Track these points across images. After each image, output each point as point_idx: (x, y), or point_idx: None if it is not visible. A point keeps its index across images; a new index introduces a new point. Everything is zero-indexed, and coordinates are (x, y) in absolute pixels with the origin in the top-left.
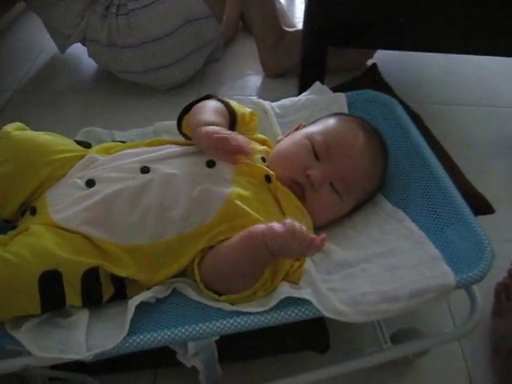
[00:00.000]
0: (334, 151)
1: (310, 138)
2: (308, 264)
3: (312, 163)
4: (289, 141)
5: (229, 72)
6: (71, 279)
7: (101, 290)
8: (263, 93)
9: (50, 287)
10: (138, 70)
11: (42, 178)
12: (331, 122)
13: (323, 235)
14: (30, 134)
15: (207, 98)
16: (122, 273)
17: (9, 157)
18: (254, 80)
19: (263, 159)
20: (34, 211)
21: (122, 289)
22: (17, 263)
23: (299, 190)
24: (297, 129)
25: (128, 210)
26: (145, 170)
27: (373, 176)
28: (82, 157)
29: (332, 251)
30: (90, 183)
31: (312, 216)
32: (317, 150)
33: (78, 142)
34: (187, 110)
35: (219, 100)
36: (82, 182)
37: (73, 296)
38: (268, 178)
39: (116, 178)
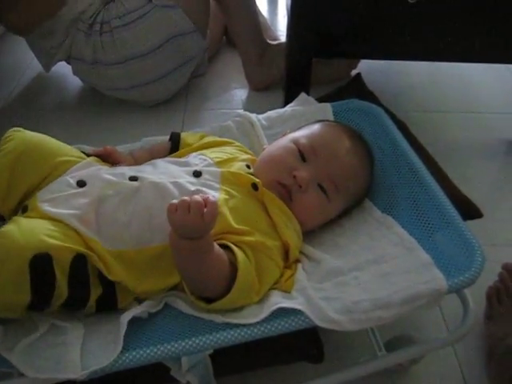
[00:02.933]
0: (320, 152)
1: (295, 141)
2: (299, 273)
3: (298, 165)
4: (274, 146)
5: (214, 86)
6: (61, 263)
7: (88, 283)
8: (249, 106)
9: (41, 269)
10: (124, 87)
11: (45, 175)
12: (316, 126)
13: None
14: (42, 135)
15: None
16: (110, 275)
17: (22, 149)
18: (240, 93)
19: (248, 167)
20: (25, 209)
21: (110, 293)
22: (8, 246)
23: (286, 192)
24: (282, 136)
25: (115, 215)
26: (133, 178)
27: (360, 176)
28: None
29: (323, 259)
30: (81, 183)
31: (300, 220)
32: (303, 151)
33: (83, 152)
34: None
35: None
36: (73, 181)
37: (62, 281)
38: (255, 186)
39: (106, 181)
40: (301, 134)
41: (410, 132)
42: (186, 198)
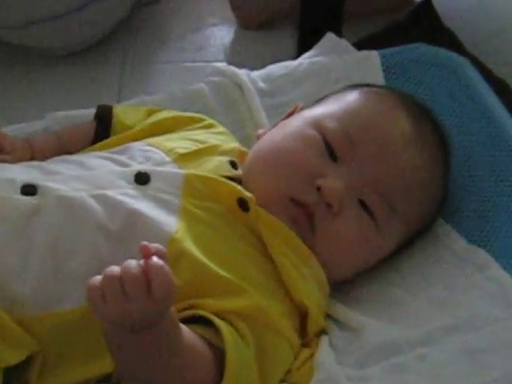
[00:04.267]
0: (360, 145)
1: (318, 125)
2: (324, 352)
3: (325, 168)
4: (280, 132)
5: (177, 22)
6: None
7: None
8: (236, 55)
9: None
10: (18, 24)
11: None
12: (351, 98)
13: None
14: None
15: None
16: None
17: None
18: (221, 34)
19: (232, 164)
20: None
21: None
22: None
23: (304, 218)
24: (291, 114)
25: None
26: (28, 189)
27: (428, 187)
28: None
29: (365, 327)
30: None
31: (327, 263)
32: (333, 145)
33: None
34: None
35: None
36: None
37: None
38: (243, 204)
39: None
40: (327, 110)
41: None
42: (112, 271)
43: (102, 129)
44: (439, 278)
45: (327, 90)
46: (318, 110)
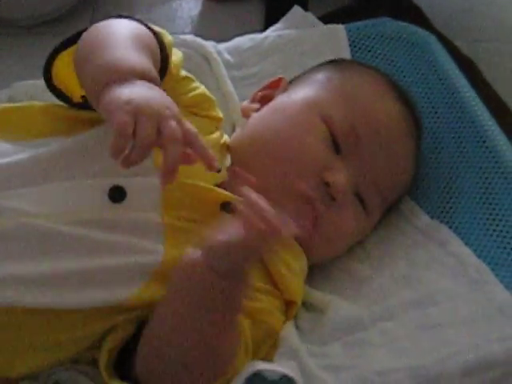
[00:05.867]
0: (365, 141)
1: (323, 115)
2: (286, 329)
3: (332, 161)
4: (280, 118)
5: None
6: None
7: None
8: (203, 27)
9: None
10: None
11: None
12: (347, 82)
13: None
14: None
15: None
16: None
17: None
18: (188, 6)
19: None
20: None
21: None
22: None
23: (310, 212)
24: (273, 86)
25: None
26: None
27: (410, 173)
28: None
29: (329, 306)
30: None
31: (316, 249)
32: (339, 137)
33: None
34: (70, 42)
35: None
36: None
37: None
38: (228, 207)
39: None
40: (326, 97)
41: (481, 75)
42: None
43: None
44: (402, 254)
45: (293, 63)
46: (317, 95)
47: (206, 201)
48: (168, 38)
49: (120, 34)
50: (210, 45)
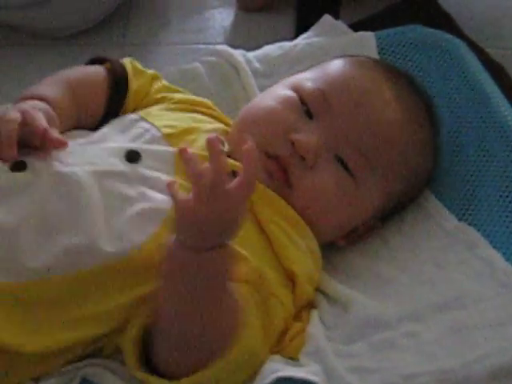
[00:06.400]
0: (336, 103)
1: (295, 86)
2: (314, 325)
3: (299, 124)
4: (261, 96)
5: (178, 4)
6: None
7: None
8: (236, 37)
9: None
10: (16, 3)
11: None
12: (332, 65)
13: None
14: None
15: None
16: None
17: None
18: (221, 16)
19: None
20: None
21: None
22: None
23: (279, 171)
24: None
25: None
26: (18, 166)
27: (408, 147)
28: None
29: (353, 302)
30: None
31: (307, 219)
32: (307, 101)
33: None
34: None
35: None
36: None
37: None
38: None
39: None
40: (306, 75)
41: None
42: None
43: (116, 87)
44: (429, 256)
45: None
46: (299, 75)
47: None
48: (133, 68)
49: (61, 76)
50: (239, 53)
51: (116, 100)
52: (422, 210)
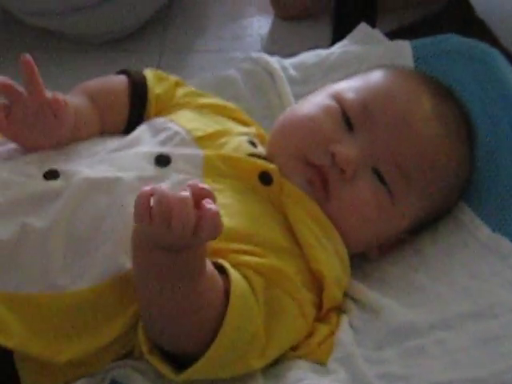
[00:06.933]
0: (378, 115)
1: (337, 96)
2: (343, 331)
3: (341, 135)
4: (301, 104)
5: (215, 10)
6: None
7: None
8: (272, 44)
9: None
10: (56, 10)
11: None
12: (374, 75)
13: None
14: None
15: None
16: (5, 339)
17: None
18: (258, 24)
19: (252, 144)
20: None
21: (4, 371)
22: None
23: (319, 181)
24: None
25: (15, 236)
26: (51, 174)
27: (446, 162)
28: None
29: (384, 308)
30: None
31: (340, 229)
32: (349, 113)
33: None
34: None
35: (132, 75)
36: None
37: None
38: (265, 178)
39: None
40: (347, 84)
41: None
42: (164, 196)
43: (137, 95)
44: (462, 265)
45: None
46: (340, 84)
47: (244, 170)
48: (155, 75)
49: (82, 86)
50: (274, 60)
51: (138, 106)
52: (456, 221)
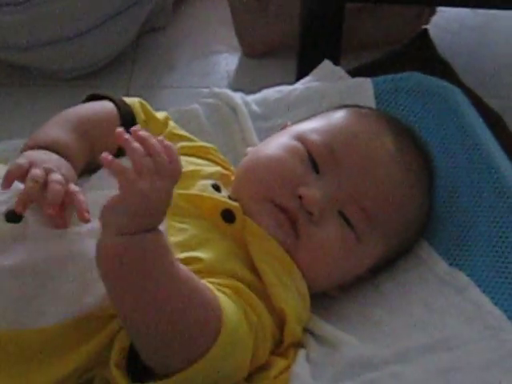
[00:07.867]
0: (342, 158)
1: (302, 137)
2: (300, 365)
3: (307, 177)
4: (266, 145)
5: (182, 48)
6: None
7: None
8: (239, 81)
9: None
10: (25, 44)
11: None
12: (337, 115)
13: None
14: None
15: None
16: None
17: None
18: (226, 61)
19: (215, 187)
20: None
21: None
22: None
23: (287, 222)
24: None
25: None
26: (12, 217)
27: (409, 204)
28: None
29: (342, 343)
30: None
31: (307, 272)
32: (315, 155)
33: None
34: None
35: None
36: None
37: None
38: (228, 216)
39: None
40: (311, 125)
41: (508, 130)
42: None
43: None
44: (419, 299)
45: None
46: (304, 125)
47: (207, 208)
48: (142, 107)
49: (71, 115)
50: (237, 96)
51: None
52: (414, 256)
